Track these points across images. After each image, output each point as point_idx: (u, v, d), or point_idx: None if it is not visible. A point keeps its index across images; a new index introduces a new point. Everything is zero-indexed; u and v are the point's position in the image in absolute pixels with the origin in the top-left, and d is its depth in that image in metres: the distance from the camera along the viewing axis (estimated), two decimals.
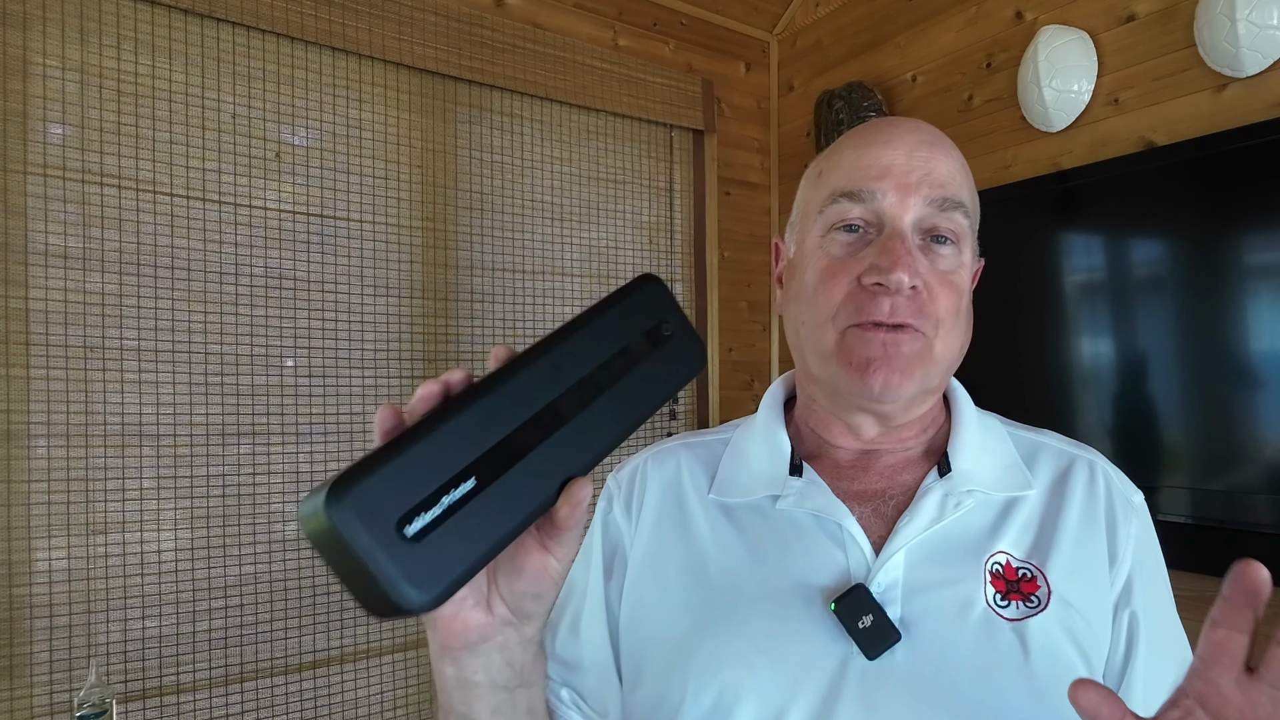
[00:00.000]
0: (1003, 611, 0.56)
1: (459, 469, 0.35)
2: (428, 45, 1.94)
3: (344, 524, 0.32)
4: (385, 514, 0.33)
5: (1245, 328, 1.45)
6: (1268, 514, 1.40)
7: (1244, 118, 1.49)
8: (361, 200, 1.90)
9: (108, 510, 1.59)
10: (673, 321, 0.44)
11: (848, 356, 0.60)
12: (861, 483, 0.64)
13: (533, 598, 0.43)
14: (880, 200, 0.60)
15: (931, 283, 0.60)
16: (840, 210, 0.62)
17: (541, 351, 0.39)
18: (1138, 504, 0.64)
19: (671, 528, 0.66)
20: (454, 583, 0.34)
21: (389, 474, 0.34)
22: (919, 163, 0.61)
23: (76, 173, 1.57)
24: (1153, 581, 0.62)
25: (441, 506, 0.34)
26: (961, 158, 0.65)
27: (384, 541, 0.32)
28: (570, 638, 0.67)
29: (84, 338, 1.57)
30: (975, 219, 0.65)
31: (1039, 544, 0.60)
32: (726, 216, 2.52)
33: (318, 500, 0.33)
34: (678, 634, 0.60)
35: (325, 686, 1.80)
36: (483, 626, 0.42)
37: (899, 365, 0.59)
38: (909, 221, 0.60)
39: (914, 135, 0.63)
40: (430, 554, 0.33)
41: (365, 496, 0.33)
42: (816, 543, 0.60)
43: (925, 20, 2.13)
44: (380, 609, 0.34)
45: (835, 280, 0.61)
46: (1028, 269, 1.73)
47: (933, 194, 0.60)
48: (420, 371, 1.97)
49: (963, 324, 0.63)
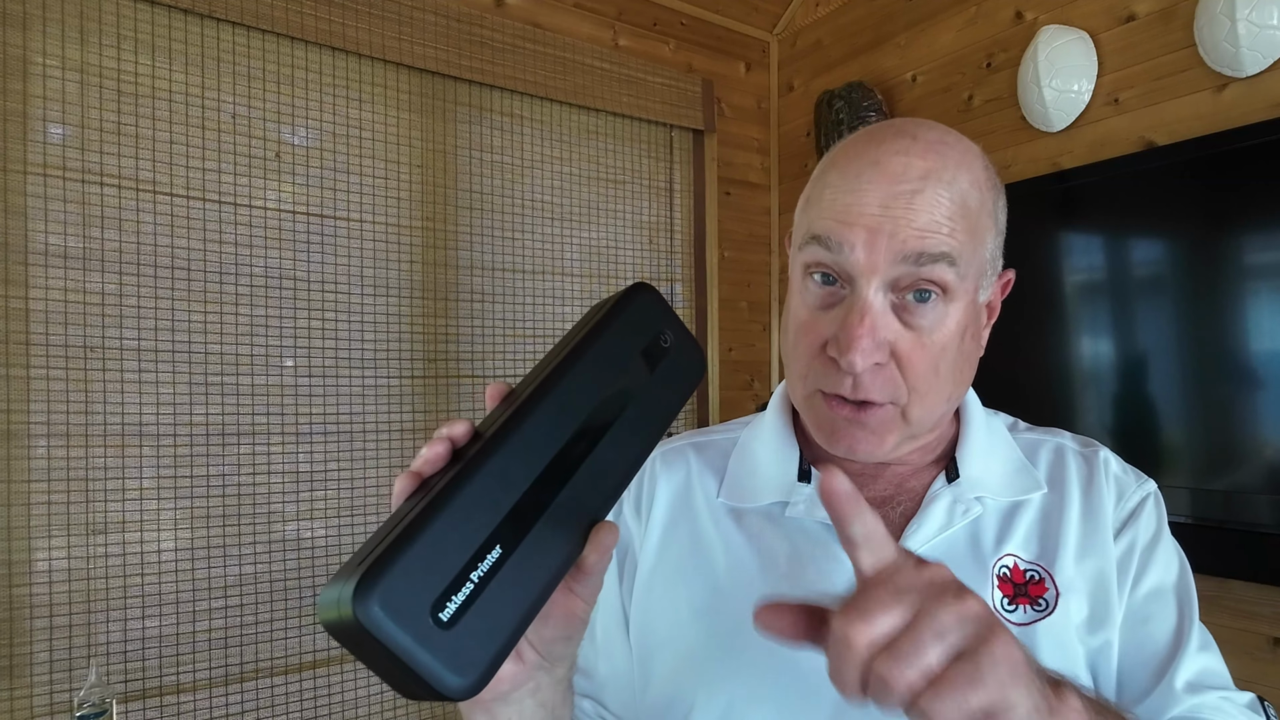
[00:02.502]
0: (1010, 617, 0.56)
1: (482, 540, 0.33)
2: (428, 45, 1.93)
3: (375, 624, 0.30)
4: (416, 605, 0.31)
5: (1245, 328, 1.45)
6: (1268, 514, 1.40)
7: (1244, 118, 1.49)
8: (361, 200, 1.90)
9: (108, 510, 1.59)
10: (670, 331, 0.43)
11: (815, 421, 0.60)
12: (871, 489, 0.63)
13: (563, 640, 0.42)
14: (848, 255, 0.55)
15: (902, 350, 0.55)
16: (813, 254, 0.57)
17: (544, 393, 0.37)
18: (1147, 492, 0.63)
19: (681, 532, 0.65)
20: (495, 659, 0.33)
21: (412, 561, 0.31)
22: (899, 210, 0.54)
23: (76, 173, 1.57)
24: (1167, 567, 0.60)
25: (471, 584, 0.33)
26: (969, 186, 0.57)
27: (419, 634, 0.31)
28: (586, 644, 0.67)
29: (84, 338, 1.57)
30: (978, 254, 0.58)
31: (1046, 544, 0.60)
32: (726, 216, 2.52)
33: (341, 595, 0.31)
34: (688, 641, 0.60)
35: (325, 686, 1.80)
36: (515, 676, 0.41)
37: (864, 436, 0.58)
38: (874, 286, 0.55)
39: (903, 174, 0.55)
40: (467, 636, 0.32)
41: (393, 590, 0.30)
42: (827, 551, 0.60)
43: (925, 20, 2.13)
44: (419, 695, 0.32)
45: (806, 339, 0.59)
46: (1028, 269, 1.73)
47: (907, 249, 0.54)
48: (420, 371, 1.97)
49: (947, 378, 0.58)
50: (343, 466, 1.86)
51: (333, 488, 1.85)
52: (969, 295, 0.58)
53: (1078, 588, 0.57)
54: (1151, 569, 0.59)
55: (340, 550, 1.85)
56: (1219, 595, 1.49)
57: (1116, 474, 0.63)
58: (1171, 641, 0.57)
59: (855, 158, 0.58)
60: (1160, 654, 0.57)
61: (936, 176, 0.55)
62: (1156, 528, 0.61)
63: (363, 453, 1.89)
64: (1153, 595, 0.59)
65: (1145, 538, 0.61)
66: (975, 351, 0.62)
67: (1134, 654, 0.57)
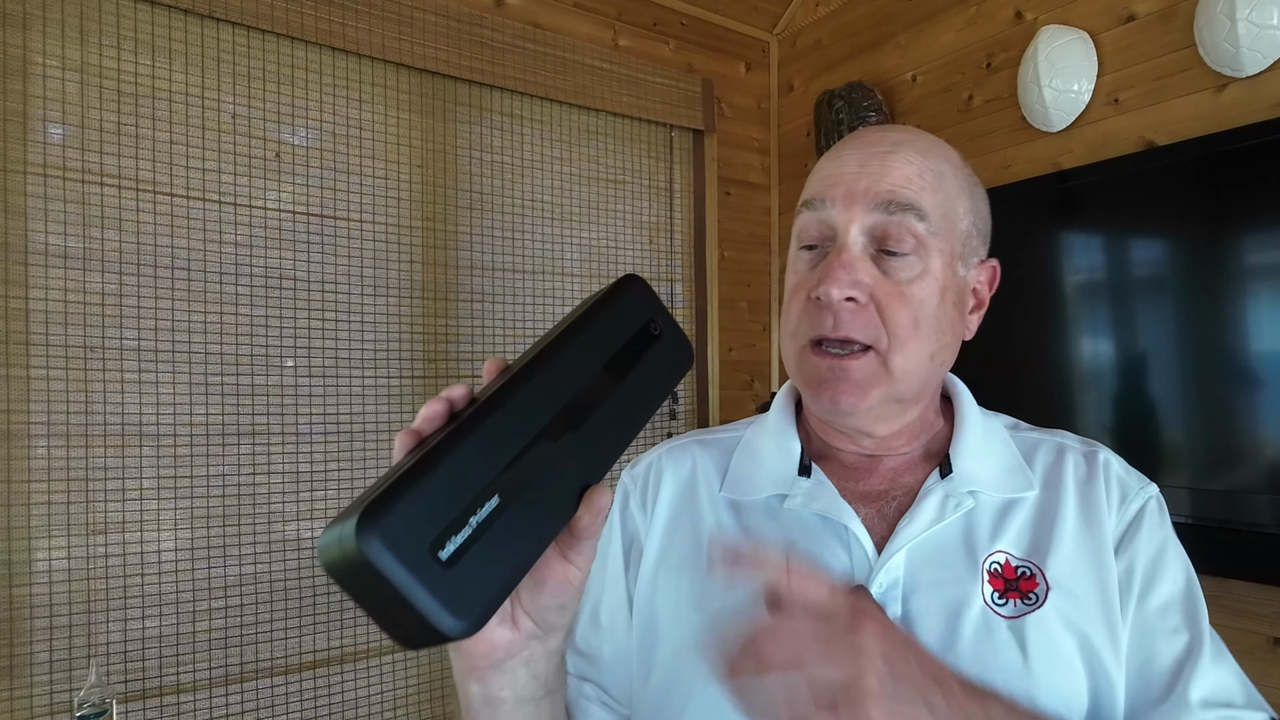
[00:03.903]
0: (1000, 609, 0.57)
1: (482, 487, 0.34)
2: (428, 45, 1.94)
3: (376, 554, 0.30)
4: (417, 540, 0.31)
5: (1245, 328, 1.45)
6: (1268, 514, 1.40)
7: (1244, 118, 1.49)
8: (361, 200, 1.90)
9: (108, 510, 1.59)
10: (660, 320, 0.45)
11: (803, 376, 0.63)
12: (867, 484, 0.65)
13: (557, 609, 0.43)
14: (829, 209, 0.61)
15: (880, 295, 0.59)
16: (803, 222, 0.63)
17: (539, 363, 0.39)
18: (1148, 497, 0.62)
19: (684, 524, 0.67)
20: (491, 604, 0.34)
21: (415, 499, 0.32)
22: (873, 168, 0.60)
23: (76, 173, 1.57)
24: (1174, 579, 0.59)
25: (470, 527, 0.33)
26: (942, 162, 0.62)
27: (419, 570, 0.31)
28: (591, 629, 0.68)
29: (84, 338, 1.57)
30: (952, 222, 0.62)
31: (1038, 542, 0.60)
32: (726, 216, 2.52)
33: (343, 531, 0.31)
34: (686, 630, 0.61)
35: (325, 686, 1.80)
36: (509, 644, 0.42)
37: (848, 387, 0.60)
38: (854, 231, 0.60)
39: (874, 147, 0.62)
40: (465, 577, 0.32)
41: (395, 523, 0.31)
42: (822, 543, 0.61)
43: (925, 20, 2.13)
44: (416, 640, 0.32)
45: (795, 297, 0.63)
46: (1028, 269, 1.73)
47: (879, 199, 0.59)
48: (420, 371, 1.97)
49: (928, 334, 0.60)
50: (343, 466, 1.86)
51: (333, 488, 1.85)
52: (944, 257, 0.61)
53: (1069, 585, 0.58)
54: (1159, 583, 0.59)
55: None
56: (1219, 595, 1.48)
57: (1119, 475, 0.63)
58: (1183, 655, 0.57)
59: (839, 144, 0.66)
60: (1171, 668, 0.56)
61: (909, 145, 0.62)
62: (1162, 537, 0.61)
63: (363, 453, 1.89)
64: (1162, 610, 0.58)
65: (1150, 550, 0.60)
66: (959, 321, 0.64)
67: (1145, 668, 0.57)
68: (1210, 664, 0.56)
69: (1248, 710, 0.56)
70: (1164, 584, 0.59)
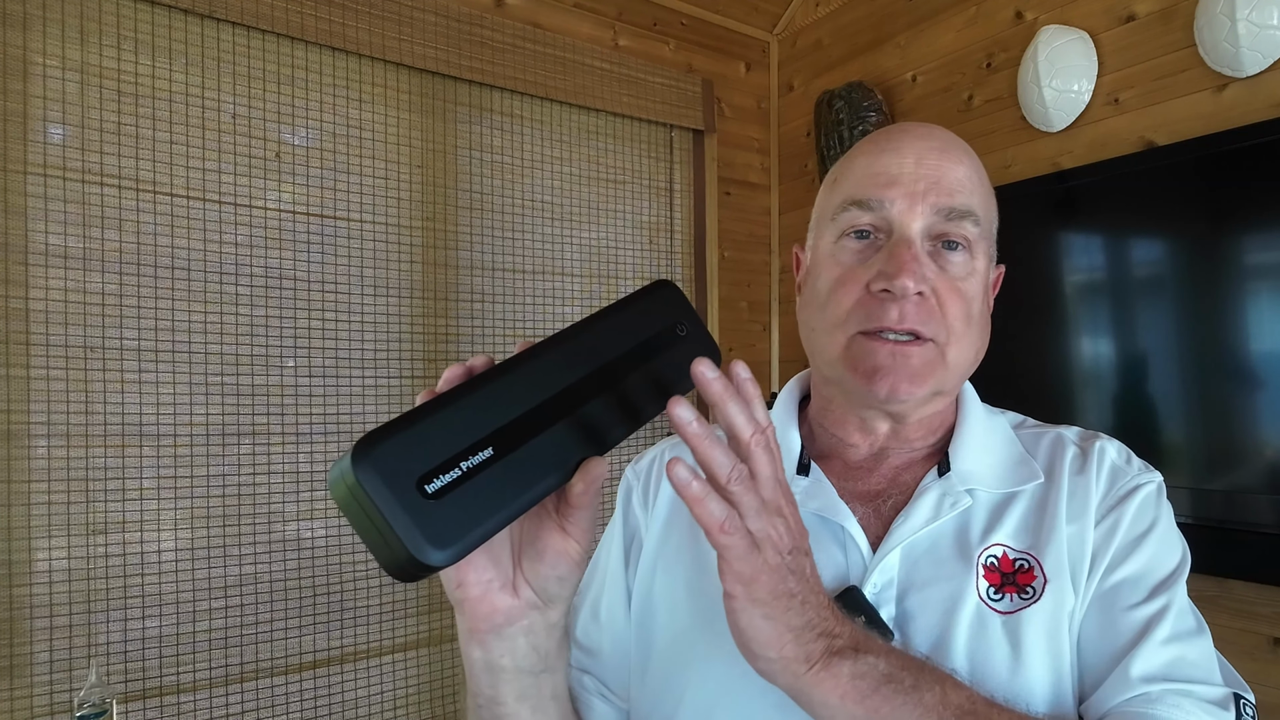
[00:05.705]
0: (995, 605, 0.56)
1: (476, 439, 0.38)
2: (428, 45, 1.94)
3: (368, 480, 0.34)
4: (406, 473, 0.35)
5: (1245, 328, 1.45)
6: (1268, 514, 1.40)
7: (1244, 118, 1.49)
8: (361, 200, 1.90)
9: (108, 510, 1.59)
10: (688, 324, 0.46)
11: (854, 363, 0.61)
12: (866, 483, 0.65)
13: (556, 580, 0.45)
14: (889, 209, 0.61)
15: (941, 289, 0.60)
16: (851, 218, 0.63)
17: (562, 340, 0.42)
18: (1142, 482, 0.60)
19: (682, 520, 0.67)
20: (469, 542, 0.36)
21: (409, 438, 0.36)
22: (928, 170, 0.61)
23: (76, 173, 1.57)
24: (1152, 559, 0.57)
25: (459, 470, 0.37)
26: (976, 163, 0.65)
27: (404, 498, 0.35)
28: (591, 622, 0.69)
29: (84, 338, 1.57)
30: (990, 225, 0.65)
31: (1036, 533, 0.59)
32: (726, 216, 2.52)
33: (344, 460, 0.35)
34: (682, 626, 0.62)
35: (325, 686, 1.80)
36: (509, 609, 0.45)
37: (907, 375, 0.60)
38: (917, 229, 0.61)
39: (924, 142, 0.63)
40: (447, 513, 0.36)
41: (388, 455, 0.35)
42: (819, 543, 0.60)
43: (925, 20, 2.13)
44: (400, 566, 0.35)
45: (845, 288, 0.62)
46: (1028, 269, 1.73)
47: (940, 202, 0.60)
48: (420, 371, 1.97)
49: (976, 330, 0.63)
50: None
51: None
52: (985, 259, 0.64)
53: (1067, 572, 0.57)
54: (1132, 559, 0.57)
55: (340, 550, 1.85)
56: (1219, 595, 1.49)
57: (1113, 461, 0.62)
58: (1136, 631, 0.54)
59: (880, 139, 0.65)
60: (1120, 643, 0.54)
61: (953, 151, 0.63)
62: (1152, 519, 0.59)
63: None
64: (1124, 584, 0.56)
65: (1135, 529, 0.58)
66: (989, 321, 0.66)
67: (1094, 642, 0.55)
68: (1164, 642, 0.53)
69: (1203, 685, 0.52)
70: (1136, 562, 0.57)
